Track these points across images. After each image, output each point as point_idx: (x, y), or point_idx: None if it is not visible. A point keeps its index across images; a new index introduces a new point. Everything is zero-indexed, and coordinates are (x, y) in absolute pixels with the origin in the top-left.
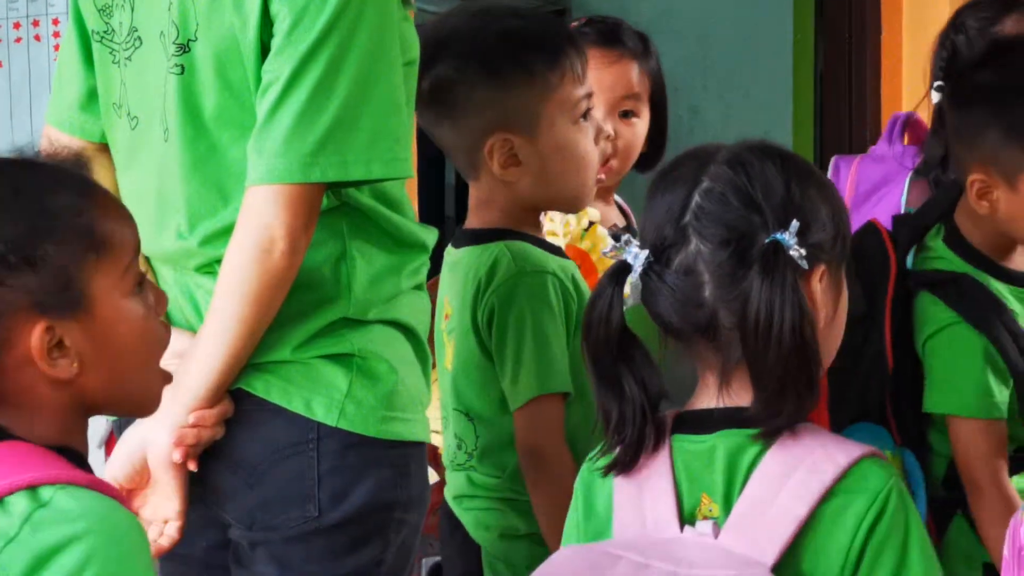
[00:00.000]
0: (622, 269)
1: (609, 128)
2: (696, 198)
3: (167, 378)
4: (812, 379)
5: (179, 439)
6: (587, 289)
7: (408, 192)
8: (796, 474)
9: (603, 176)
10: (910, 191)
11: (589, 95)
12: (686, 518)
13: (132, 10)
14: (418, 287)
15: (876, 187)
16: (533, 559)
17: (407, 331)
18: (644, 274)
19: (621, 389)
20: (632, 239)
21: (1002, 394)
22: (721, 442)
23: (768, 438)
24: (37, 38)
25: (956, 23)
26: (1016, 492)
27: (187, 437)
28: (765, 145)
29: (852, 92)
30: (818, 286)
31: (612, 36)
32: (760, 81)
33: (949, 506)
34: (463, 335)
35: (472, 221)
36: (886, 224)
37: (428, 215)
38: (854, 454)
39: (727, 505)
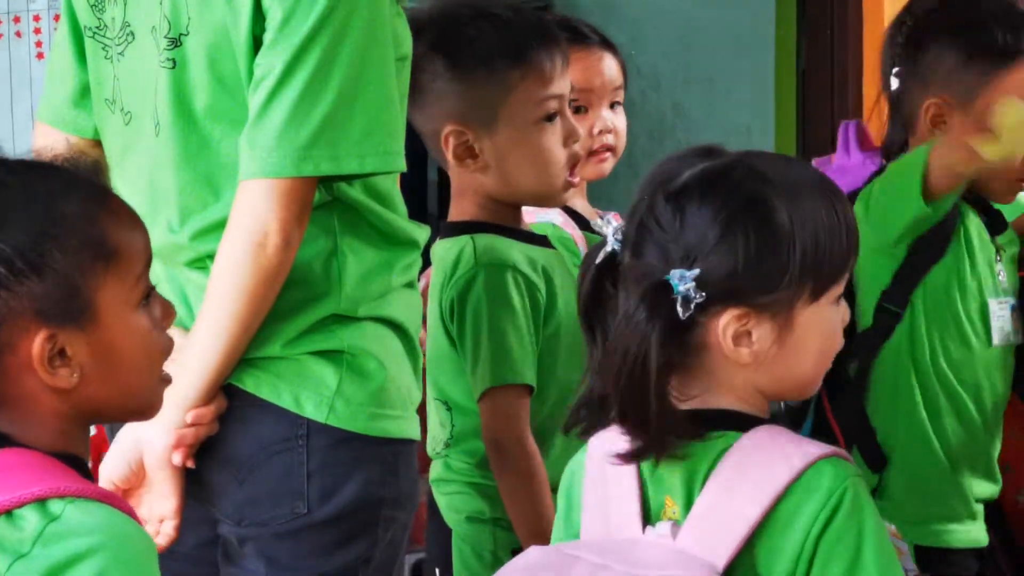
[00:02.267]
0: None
1: (580, 132)
2: (636, 220)
3: (167, 381)
4: (647, 418)
5: (179, 440)
6: (562, 278)
7: None
8: (751, 476)
9: (575, 179)
10: None
11: (558, 96)
12: (652, 519)
13: (124, 5)
14: (409, 284)
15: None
16: (497, 543)
17: (397, 328)
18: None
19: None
20: (612, 221)
21: None
22: (678, 459)
23: (630, 459)
24: (18, 35)
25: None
26: None
27: (187, 437)
28: (734, 178)
29: (834, 89)
30: (727, 328)
31: (592, 31)
32: (743, 78)
33: None
34: (434, 326)
35: (451, 212)
36: None
37: (410, 212)
38: (811, 455)
39: (688, 507)
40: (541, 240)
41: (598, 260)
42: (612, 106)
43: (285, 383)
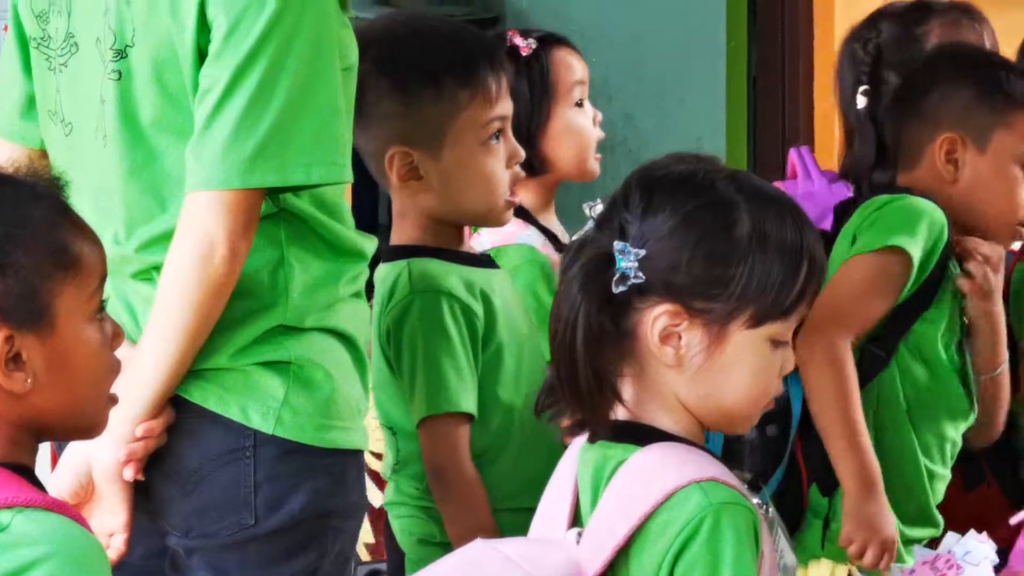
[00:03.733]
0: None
1: (522, 153)
2: (610, 200)
3: (114, 401)
4: (578, 387)
5: (130, 454)
6: (503, 299)
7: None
8: (631, 492)
9: (515, 199)
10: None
11: (502, 117)
12: (582, 520)
13: (69, 16)
14: (356, 295)
15: (815, 223)
16: None
17: (345, 339)
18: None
19: None
20: (599, 204)
21: None
22: (595, 452)
23: (573, 432)
24: None
25: (873, 27)
26: None
27: (137, 451)
28: (711, 180)
29: (785, 98)
30: (657, 321)
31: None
32: (694, 88)
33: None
34: (376, 352)
35: (392, 235)
36: None
37: (361, 222)
38: (685, 478)
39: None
40: (483, 260)
41: (575, 238)
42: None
43: (232, 394)
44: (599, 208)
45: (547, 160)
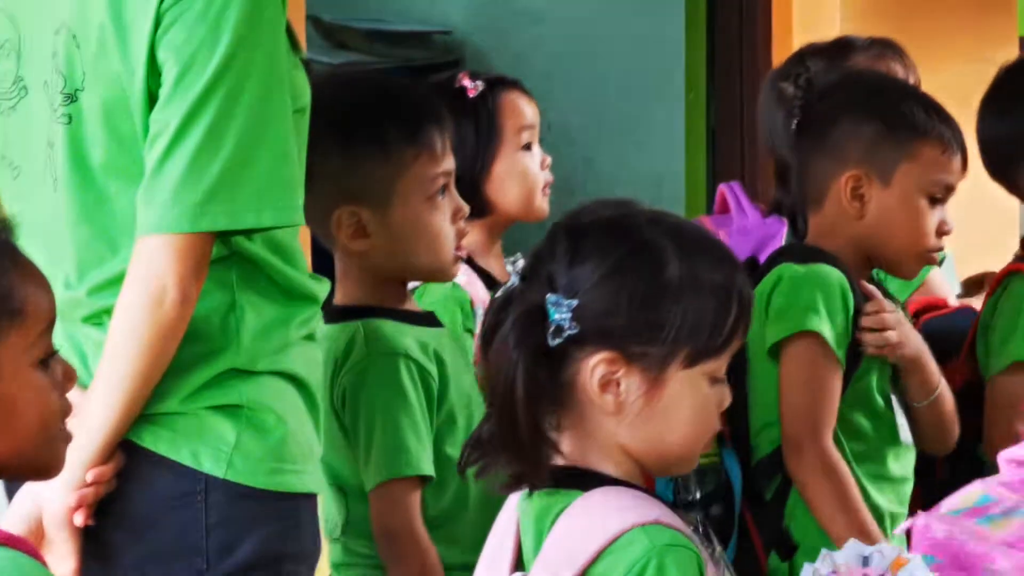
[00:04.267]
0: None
1: (466, 208)
2: (534, 252)
3: (67, 439)
4: (519, 442)
5: (80, 500)
6: (453, 356)
7: (301, 241)
8: (573, 538)
9: (462, 253)
10: None
11: (447, 172)
12: (525, 565)
13: (18, 59)
14: (308, 338)
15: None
16: None
17: (297, 382)
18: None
19: None
20: (520, 260)
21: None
22: (537, 499)
23: (510, 488)
24: None
25: (800, 64)
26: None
27: (88, 497)
28: (636, 224)
29: (744, 140)
30: (595, 370)
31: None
32: (654, 132)
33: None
34: (326, 414)
35: (336, 295)
36: None
37: (320, 266)
38: (627, 523)
39: None
40: (429, 319)
41: (499, 295)
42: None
43: (183, 438)
44: (521, 263)
45: (490, 202)
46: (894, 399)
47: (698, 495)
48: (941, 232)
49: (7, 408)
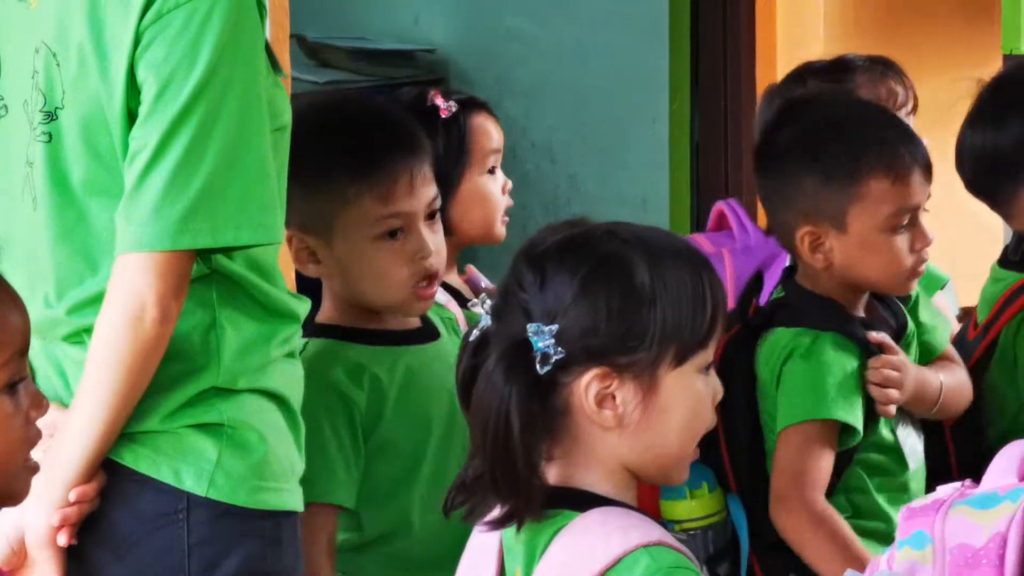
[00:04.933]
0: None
1: (429, 249)
2: (502, 288)
3: (33, 470)
4: (515, 479)
5: (64, 519)
6: (404, 374)
7: (284, 259)
8: (574, 559)
9: (428, 292)
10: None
11: (403, 214)
12: None
13: None
14: (289, 355)
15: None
16: None
17: (278, 400)
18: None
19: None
20: (487, 300)
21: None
22: (525, 529)
23: (500, 525)
24: None
25: (800, 83)
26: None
27: (71, 517)
28: (594, 240)
29: (728, 160)
30: (588, 388)
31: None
32: (638, 150)
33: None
34: None
35: (320, 312)
36: None
37: (303, 282)
38: (631, 543)
39: None
40: (403, 337)
41: (472, 337)
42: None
43: (164, 457)
44: (488, 303)
45: (451, 223)
46: (899, 429)
47: (706, 554)
48: (917, 249)
49: None
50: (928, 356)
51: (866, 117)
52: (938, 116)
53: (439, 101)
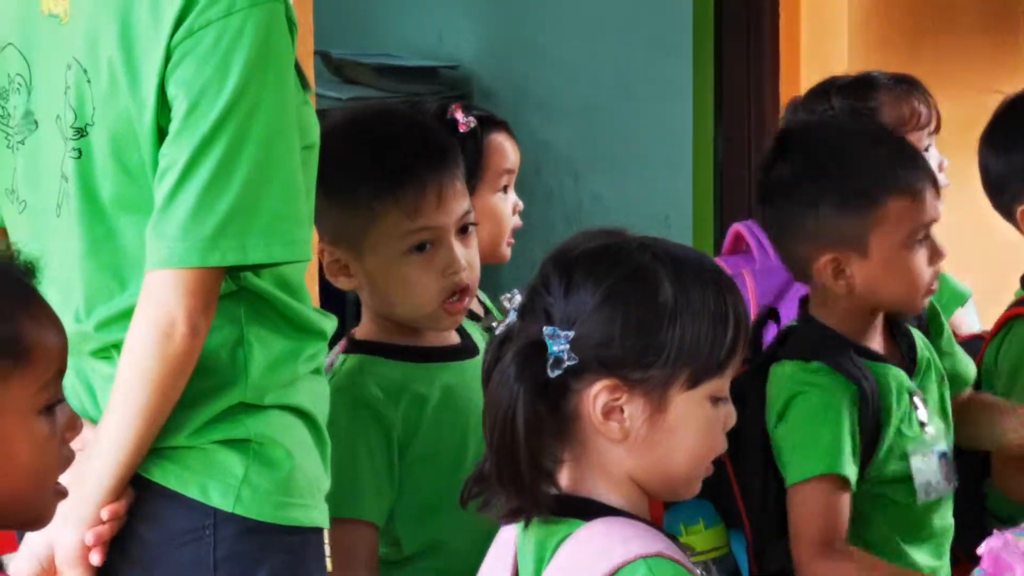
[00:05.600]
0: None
1: (460, 263)
2: (529, 288)
3: (62, 495)
4: (519, 476)
5: (97, 538)
6: (443, 391)
7: (309, 277)
8: (577, 567)
9: (458, 307)
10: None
11: (432, 228)
12: None
13: (29, 93)
14: (316, 372)
15: (779, 296)
16: None
17: (305, 416)
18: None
19: None
20: (517, 296)
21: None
22: (536, 528)
23: (508, 519)
24: None
25: (824, 100)
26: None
27: (105, 535)
28: (625, 252)
29: (751, 179)
30: (597, 398)
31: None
32: (660, 167)
33: None
34: None
35: (359, 327)
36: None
37: (327, 299)
38: (631, 553)
39: None
40: (441, 354)
41: (498, 331)
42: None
43: (191, 473)
44: (518, 299)
45: None
46: (915, 459)
47: None
48: (934, 263)
49: (2, 454)
50: (957, 386)
51: (871, 140)
52: (962, 133)
53: (459, 116)
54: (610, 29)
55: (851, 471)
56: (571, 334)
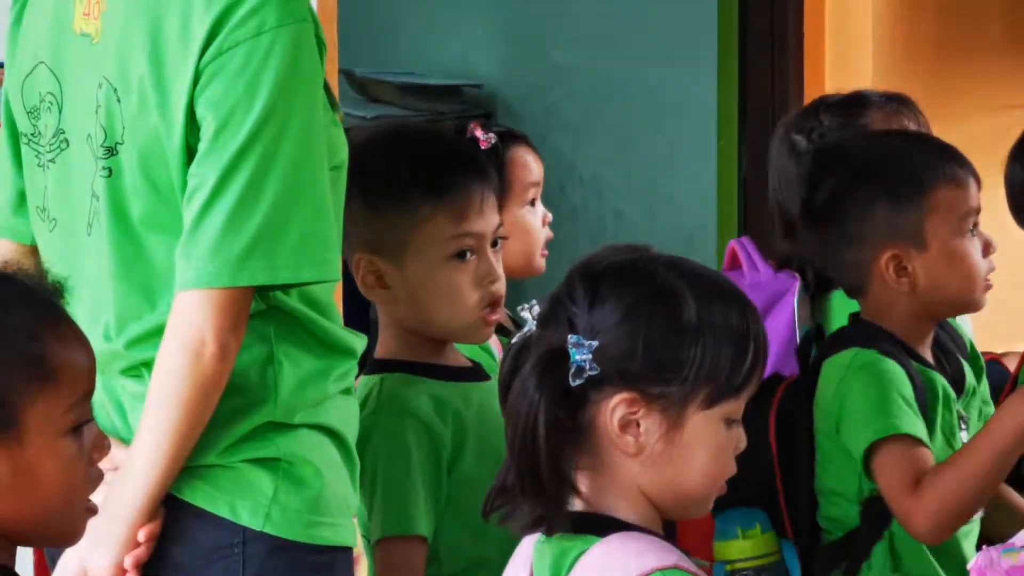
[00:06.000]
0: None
1: (498, 274)
2: (552, 297)
3: (92, 511)
4: (540, 483)
5: (136, 561)
6: (478, 415)
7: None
8: None
9: (494, 317)
10: (800, 308)
11: (474, 234)
12: None
13: (60, 112)
14: (346, 391)
15: (764, 313)
16: None
17: (334, 435)
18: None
19: None
20: (536, 306)
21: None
22: (553, 544)
23: (529, 528)
24: None
25: (814, 118)
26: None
27: (142, 558)
28: (652, 268)
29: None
30: (615, 411)
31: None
32: (684, 186)
33: None
34: None
35: (376, 348)
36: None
37: (351, 319)
38: (647, 566)
39: None
40: (466, 373)
41: (516, 340)
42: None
43: (221, 491)
44: (536, 309)
45: None
46: None
47: None
48: (988, 254)
49: (29, 474)
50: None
51: (912, 139)
52: (985, 149)
53: (478, 133)
54: (634, 47)
55: (921, 430)
56: (594, 344)
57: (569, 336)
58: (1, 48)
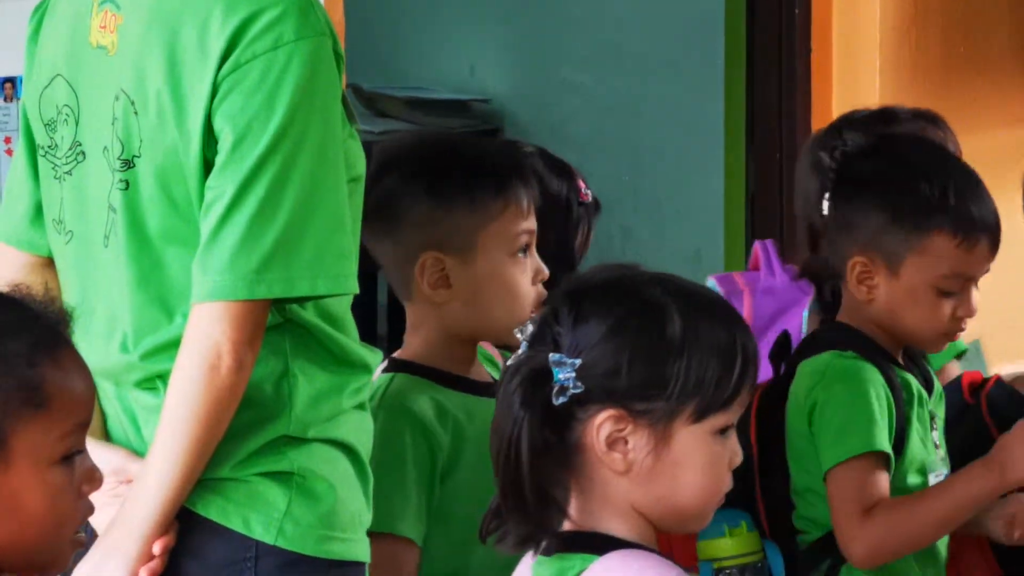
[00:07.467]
0: None
1: (546, 271)
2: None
3: (78, 544)
4: (523, 502)
5: (150, 575)
6: (479, 431)
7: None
8: None
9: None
10: (810, 322)
11: (530, 231)
12: None
13: (76, 124)
14: (360, 407)
15: (772, 319)
16: None
17: (348, 450)
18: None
19: None
20: (529, 327)
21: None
22: (550, 564)
23: (514, 548)
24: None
25: (838, 135)
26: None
27: (157, 571)
28: (636, 284)
29: (783, 213)
30: (601, 428)
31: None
32: (692, 202)
33: None
34: None
35: (402, 349)
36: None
37: (360, 333)
38: None
39: None
40: (480, 388)
41: (509, 362)
42: None
43: (234, 505)
44: (529, 330)
45: None
46: (932, 477)
47: None
48: (959, 317)
49: (13, 500)
50: None
51: (949, 169)
52: (993, 165)
53: (580, 184)
54: (639, 64)
55: (887, 447)
56: (577, 362)
57: (551, 355)
58: (18, 62)
